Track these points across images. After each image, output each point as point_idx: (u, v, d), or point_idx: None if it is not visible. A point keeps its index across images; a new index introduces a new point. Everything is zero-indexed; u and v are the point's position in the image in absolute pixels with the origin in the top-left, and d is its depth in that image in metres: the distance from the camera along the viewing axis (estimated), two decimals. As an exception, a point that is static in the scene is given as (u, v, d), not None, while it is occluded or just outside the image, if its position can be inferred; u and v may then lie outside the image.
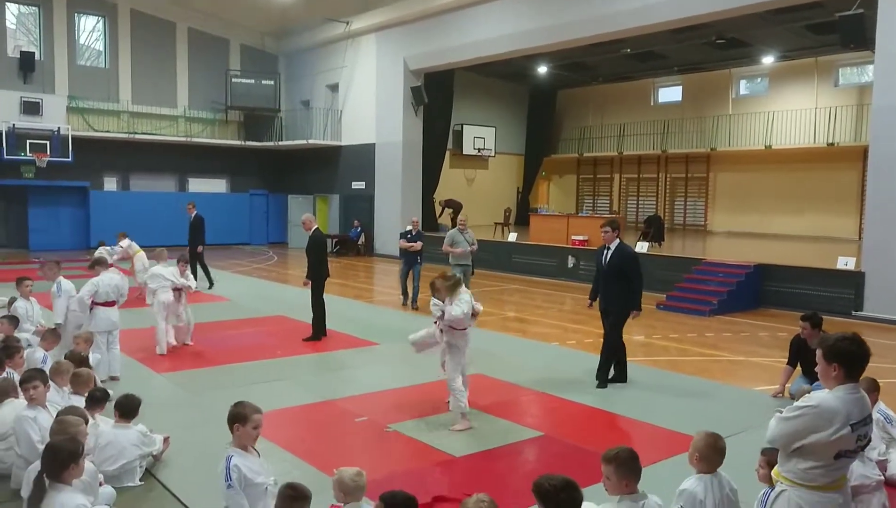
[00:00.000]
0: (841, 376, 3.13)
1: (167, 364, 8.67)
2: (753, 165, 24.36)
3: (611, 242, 7.94)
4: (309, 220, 10.44)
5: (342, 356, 9.55)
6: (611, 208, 28.40)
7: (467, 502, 3.18)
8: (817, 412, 3.07)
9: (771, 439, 3.23)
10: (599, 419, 7.05)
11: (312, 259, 10.37)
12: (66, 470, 3.67)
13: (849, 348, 3.13)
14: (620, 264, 7.83)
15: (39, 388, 4.98)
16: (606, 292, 8.01)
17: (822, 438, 3.05)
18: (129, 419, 5.32)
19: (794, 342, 7.41)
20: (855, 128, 21.57)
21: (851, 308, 12.81)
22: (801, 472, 3.15)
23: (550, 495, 3.18)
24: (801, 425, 3.09)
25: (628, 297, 7.87)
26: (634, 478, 3.53)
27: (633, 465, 3.53)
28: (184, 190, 26.68)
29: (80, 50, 24.55)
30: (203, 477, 5.33)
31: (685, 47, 22.45)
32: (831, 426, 3.04)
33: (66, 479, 3.68)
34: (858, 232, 20.55)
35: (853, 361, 3.13)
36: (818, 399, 3.11)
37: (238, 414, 4.07)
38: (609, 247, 7.96)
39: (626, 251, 7.98)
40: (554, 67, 25.96)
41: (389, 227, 23.50)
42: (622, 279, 7.84)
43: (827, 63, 22.76)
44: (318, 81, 26.74)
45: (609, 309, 8.05)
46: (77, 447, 3.80)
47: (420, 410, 7.07)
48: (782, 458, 3.24)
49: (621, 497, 3.55)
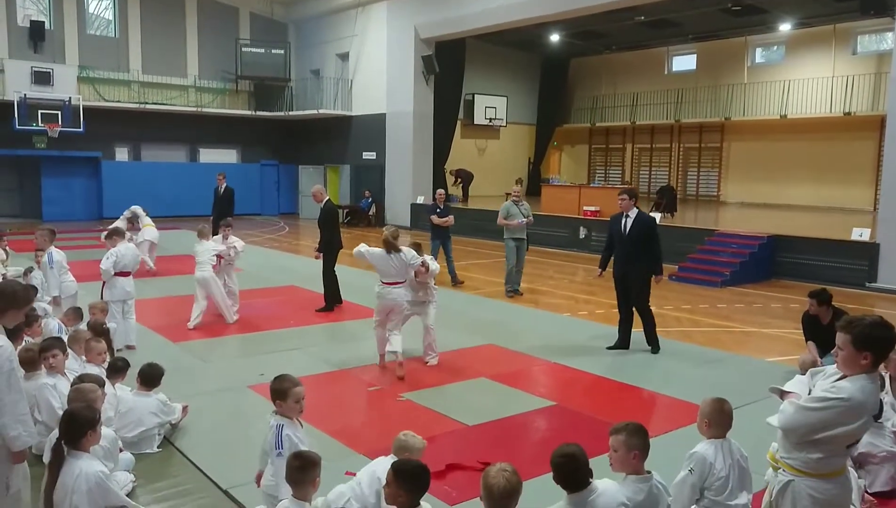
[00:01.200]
0: (870, 364, 2.93)
1: (182, 334, 8.76)
2: (768, 134, 24.07)
3: (628, 209, 8.05)
4: (319, 192, 10.50)
5: (355, 326, 9.61)
6: (623, 179, 28.20)
7: (489, 470, 3.15)
8: (848, 406, 2.89)
9: (790, 427, 3.05)
10: (611, 388, 7.09)
11: (325, 231, 10.42)
12: (84, 437, 3.72)
13: (883, 334, 2.92)
14: (642, 231, 7.96)
15: (59, 356, 5.05)
16: (628, 260, 8.05)
17: (848, 431, 2.93)
18: (150, 388, 5.40)
19: (804, 319, 7.31)
20: (872, 97, 21.21)
21: (865, 280, 12.73)
22: (812, 462, 3.03)
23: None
24: (828, 417, 2.93)
25: (650, 263, 8.03)
26: (643, 451, 3.38)
27: (642, 437, 3.41)
28: (195, 160, 26.71)
29: (89, 19, 24.42)
30: (219, 444, 5.42)
31: (700, 14, 22.07)
32: (859, 420, 2.91)
33: (84, 446, 3.74)
34: (874, 203, 20.33)
35: (886, 348, 2.96)
36: (848, 392, 2.91)
37: (277, 390, 4.05)
38: (628, 215, 8.05)
39: (646, 218, 8.13)
40: (566, 36, 25.61)
41: (400, 197, 23.47)
42: (643, 246, 7.97)
43: (845, 30, 22.32)
44: (328, 50, 26.53)
45: (630, 276, 8.08)
46: (94, 414, 3.85)
47: (433, 379, 7.13)
48: (790, 447, 3.09)
49: (626, 475, 3.42)
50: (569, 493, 3.21)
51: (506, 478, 3.05)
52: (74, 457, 3.68)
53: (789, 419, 3.04)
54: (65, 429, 3.73)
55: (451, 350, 8.11)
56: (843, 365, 2.99)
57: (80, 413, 3.81)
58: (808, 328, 7.21)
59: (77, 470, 3.63)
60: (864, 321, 2.96)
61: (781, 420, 3.08)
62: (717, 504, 3.76)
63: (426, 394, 6.64)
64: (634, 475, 3.35)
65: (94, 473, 3.66)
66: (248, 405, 6.33)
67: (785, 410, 3.07)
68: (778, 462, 3.19)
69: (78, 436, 3.72)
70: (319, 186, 10.77)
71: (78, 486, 3.59)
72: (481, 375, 7.28)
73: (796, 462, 3.08)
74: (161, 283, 12.22)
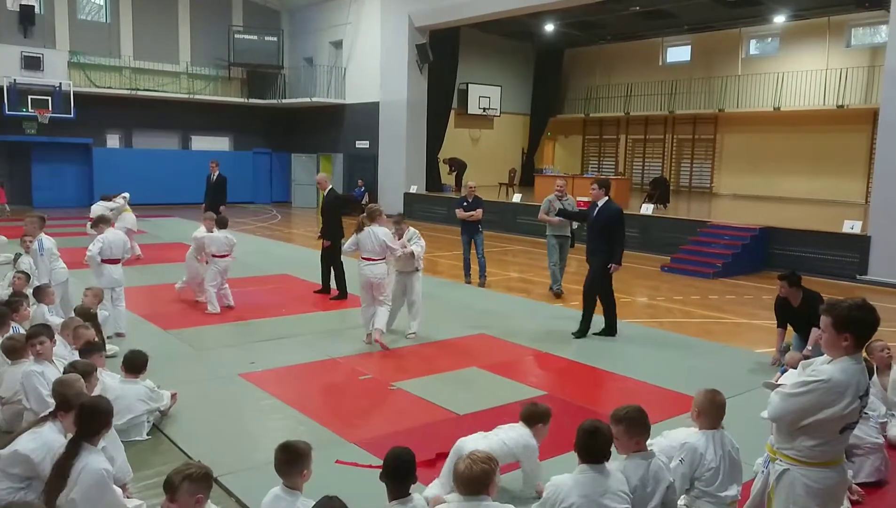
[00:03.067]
0: (851, 346, 2.95)
1: (173, 321, 8.72)
2: (762, 126, 24.10)
3: (599, 199, 8.28)
4: (324, 179, 10.81)
5: (347, 314, 9.58)
6: (616, 170, 28.20)
7: (460, 458, 3.23)
8: (828, 386, 2.90)
9: (777, 416, 3.06)
10: (603, 379, 7.10)
11: (329, 219, 10.50)
12: (101, 433, 3.70)
13: (863, 316, 2.95)
14: (607, 221, 8.18)
15: (46, 343, 5.01)
16: (592, 248, 8.39)
17: (834, 413, 2.91)
18: (136, 375, 5.37)
19: (776, 303, 7.33)
20: (865, 90, 21.26)
21: (856, 272, 12.78)
22: (807, 450, 3.02)
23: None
24: (811, 401, 2.93)
25: (610, 252, 8.21)
26: (644, 436, 3.56)
27: (643, 423, 3.55)
28: (187, 148, 26.56)
29: (80, 4, 24.16)
30: (209, 432, 5.41)
31: (695, 5, 22.02)
32: (843, 401, 2.90)
33: (96, 441, 3.69)
34: (866, 196, 20.40)
35: (866, 330, 2.97)
36: (828, 373, 2.93)
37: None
38: (597, 204, 8.28)
39: (613, 208, 8.27)
40: (561, 26, 25.52)
41: (393, 186, 23.40)
42: (606, 235, 8.20)
43: (839, 23, 22.33)
44: (321, 38, 26.37)
45: (593, 263, 8.40)
46: (111, 408, 3.85)
47: (424, 368, 7.13)
48: (784, 436, 3.09)
49: (630, 454, 3.57)
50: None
51: (467, 465, 3.12)
52: (87, 451, 3.61)
53: (776, 407, 3.05)
54: (86, 421, 3.66)
55: (444, 339, 8.11)
56: (826, 348, 3.04)
57: (100, 406, 3.78)
58: (781, 311, 7.23)
59: (82, 464, 3.56)
60: (844, 303, 3.00)
61: (770, 411, 3.10)
62: (707, 494, 3.79)
63: (418, 383, 6.64)
64: (638, 454, 3.56)
65: (98, 470, 3.58)
66: (238, 393, 6.31)
67: (772, 400, 3.09)
68: (775, 453, 3.19)
69: (98, 429, 3.68)
70: (324, 175, 11.04)
71: (81, 480, 3.52)
72: (473, 364, 7.28)
73: (792, 451, 3.08)
74: (152, 270, 12.16)
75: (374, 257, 7.74)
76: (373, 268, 7.75)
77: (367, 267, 7.76)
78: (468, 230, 11.87)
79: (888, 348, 5.63)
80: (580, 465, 3.40)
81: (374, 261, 7.75)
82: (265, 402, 6.07)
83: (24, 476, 3.84)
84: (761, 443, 4.15)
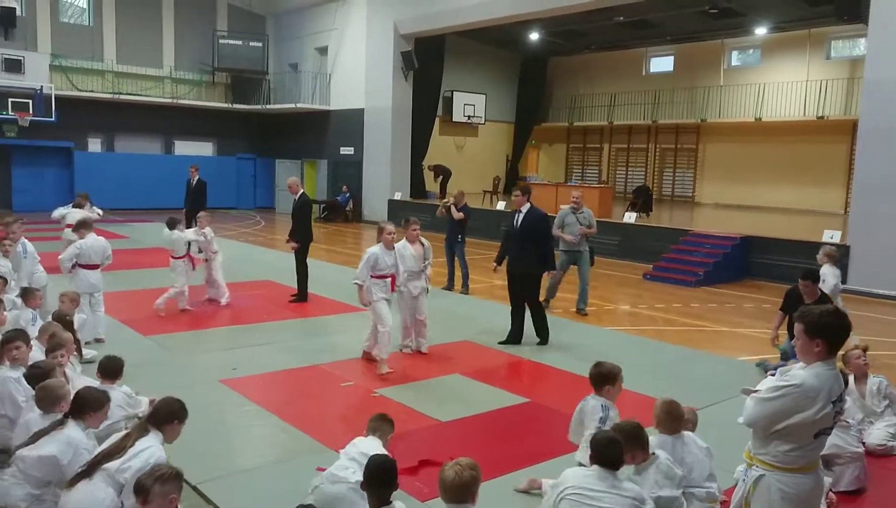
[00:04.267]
0: (823, 352, 2.99)
1: (153, 327, 8.63)
2: (743, 137, 24.35)
3: (521, 205, 8.20)
4: (295, 183, 10.74)
5: (330, 321, 9.56)
6: (600, 178, 28.37)
7: (446, 466, 3.20)
8: (801, 391, 2.94)
9: (751, 420, 3.09)
10: (585, 386, 7.09)
11: (299, 222, 10.56)
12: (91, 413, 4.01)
13: (834, 322, 2.99)
14: (532, 226, 8.10)
15: (22, 348, 4.93)
16: (519, 255, 8.15)
17: (806, 418, 2.94)
18: (112, 381, 5.29)
19: (788, 293, 7.41)
20: (845, 101, 21.55)
21: (835, 281, 12.91)
22: (781, 455, 3.04)
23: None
24: (784, 405, 2.97)
25: (541, 258, 8.12)
26: (641, 451, 3.68)
27: (639, 438, 3.69)
28: (170, 152, 26.39)
29: (62, 7, 23.99)
30: (188, 439, 5.32)
31: (678, 16, 22.24)
32: (815, 405, 2.93)
33: (87, 420, 4.00)
34: (845, 206, 20.65)
35: (837, 336, 3.01)
36: (800, 378, 2.97)
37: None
38: (521, 211, 8.20)
39: (537, 213, 8.22)
40: (546, 35, 25.66)
41: (378, 193, 23.38)
42: (533, 241, 8.09)
43: (819, 35, 22.64)
44: (306, 44, 26.34)
45: (519, 271, 8.19)
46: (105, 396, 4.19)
47: (407, 376, 7.10)
48: (760, 441, 3.12)
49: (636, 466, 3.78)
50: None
51: (456, 472, 3.10)
52: (70, 427, 3.92)
53: (749, 412, 3.09)
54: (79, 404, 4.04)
55: (427, 346, 8.09)
56: (800, 354, 3.09)
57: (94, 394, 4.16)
58: (790, 301, 7.26)
59: (65, 437, 3.88)
60: (815, 310, 3.07)
61: (744, 415, 3.14)
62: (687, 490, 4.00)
63: (400, 390, 6.61)
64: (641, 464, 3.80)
65: (78, 440, 3.87)
66: (218, 399, 6.25)
67: (746, 405, 3.13)
68: (752, 459, 3.22)
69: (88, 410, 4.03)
70: (295, 178, 11.08)
71: (44, 444, 3.81)
72: (456, 371, 7.28)
73: (767, 456, 3.10)
74: (133, 275, 12.05)
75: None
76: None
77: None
78: (449, 240, 11.96)
79: (864, 356, 5.70)
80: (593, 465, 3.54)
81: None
82: (246, 408, 6.02)
83: (44, 479, 3.91)
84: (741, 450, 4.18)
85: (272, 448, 5.24)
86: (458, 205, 11.85)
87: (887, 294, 12.32)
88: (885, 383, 5.68)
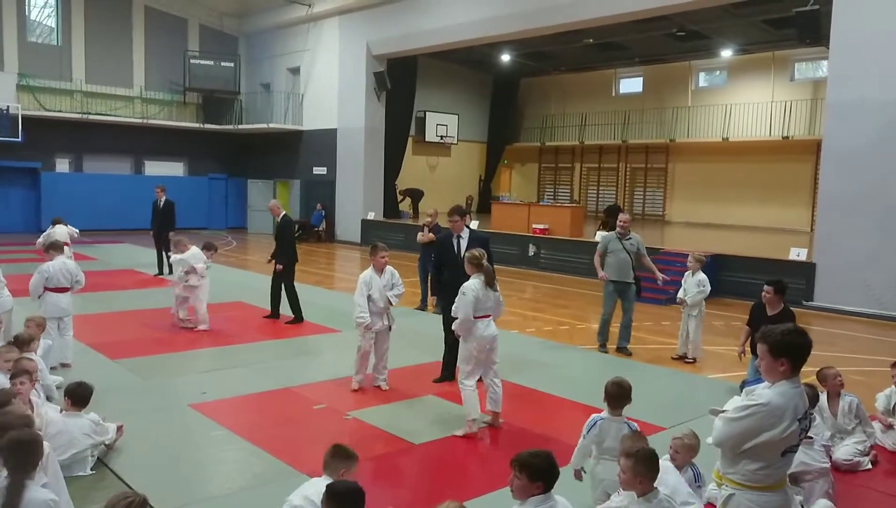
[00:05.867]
0: (788, 370, 3.04)
1: (122, 351, 8.49)
2: (711, 156, 24.78)
3: (460, 230, 7.46)
4: (276, 206, 10.96)
5: (302, 342, 9.48)
6: (571, 197, 28.65)
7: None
8: (767, 409, 2.99)
9: (719, 441, 3.12)
10: (558, 406, 7.13)
11: (282, 243, 10.63)
12: (38, 466, 3.54)
13: (797, 341, 3.05)
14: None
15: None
16: (462, 281, 6.35)
17: (773, 436, 2.98)
18: (80, 408, 5.20)
19: (753, 307, 7.49)
20: (809, 122, 22.08)
21: (802, 298, 13.13)
22: (750, 474, 3.08)
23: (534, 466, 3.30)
24: (751, 424, 3.01)
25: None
26: (649, 478, 3.49)
27: (649, 465, 3.51)
28: (140, 173, 26.11)
29: (30, 26, 23.72)
30: (156, 466, 5.26)
31: (646, 38, 22.68)
32: (782, 424, 2.98)
33: (34, 474, 3.52)
34: (811, 224, 21.07)
35: (801, 354, 3.06)
36: (766, 397, 3.02)
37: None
38: (461, 236, 7.42)
39: (481, 236, 7.57)
40: (517, 56, 25.99)
41: (351, 213, 23.35)
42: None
43: (783, 57, 23.22)
44: (279, 64, 26.33)
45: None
46: (41, 440, 3.68)
47: (380, 397, 7.06)
48: (728, 460, 3.15)
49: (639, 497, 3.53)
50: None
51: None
52: (27, 488, 3.44)
53: (718, 432, 3.12)
54: (21, 457, 3.50)
55: (398, 367, 8.05)
56: (765, 374, 3.13)
57: (31, 438, 3.61)
58: (754, 314, 7.36)
59: (27, 499, 3.40)
60: (777, 329, 3.11)
61: (713, 435, 3.17)
62: None
63: (372, 412, 6.57)
64: (642, 496, 3.48)
65: (44, 501, 3.43)
66: (188, 424, 6.16)
67: (715, 426, 3.16)
68: (722, 479, 3.25)
69: (34, 464, 3.52)
70: (276, 201, 11.29)
71: None
72: (429, 392, 7.25)
73: (736, 475, 3.13)
74: (102, 298, 11.86)
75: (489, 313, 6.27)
76: (492, 328, 6.28)
77: (488, 324, 6.24)
78: (423, 259, 11.90)
79: (840, 375, 5.80)
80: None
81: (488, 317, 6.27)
82: (216, 433, 5.94)
83: None
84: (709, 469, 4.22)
85: (243, 474, 5.16)
86: (431, 226, 11.86)
87: (853, 310, 12.55)
88: (856, 401, 5.80)
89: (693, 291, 9.01)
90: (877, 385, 7.89)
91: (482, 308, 6.08)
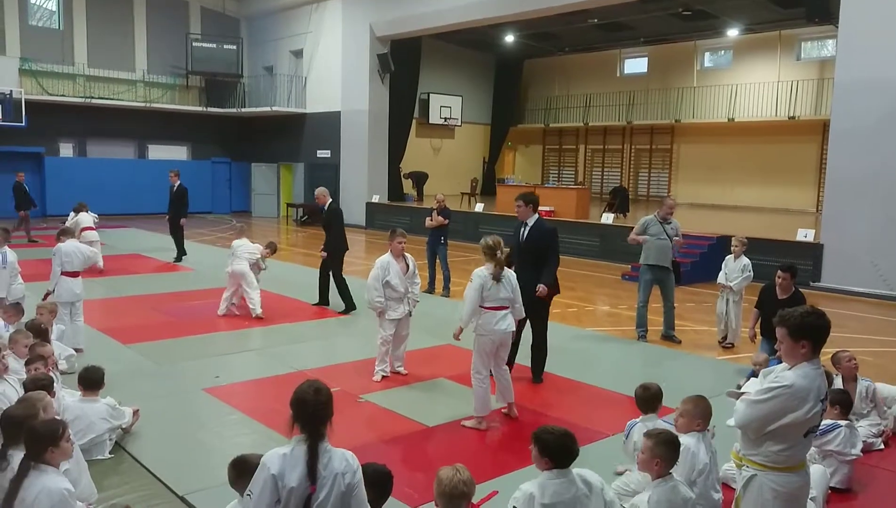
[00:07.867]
0: (809, 352, 3.07)
1: (133, 335, 8.53)
2: (716, 137, 24.67)
3: (526, 217, 7.08)
4: (323, 194, 10.56)
5: (313, 326, 9.52)
6: (576, 179, 28.56)
7: (441, 476, 3.20)
8: (791, 392, 3.01)
9: (744, 422, 3.14)
10: (568, 387, 7.16)
11: (332, 233, 10.38)
12: (46, 453, 3.53)
13: (816, 322, 3.07)
14: (540, 242, 6.95)
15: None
16: (523, 273, 6.47)
17: (798, 417, 3.01)
18: (94, 392, 5.23)
19: (763, 289, 7.47)
20: (815, 102, 21.94)
21: (810, 279, 13.13)
22: (773, 455, 3.11)
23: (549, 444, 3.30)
24: (775, 406, 3.03)
25: (539, 272, 6.86)
26: (666, 461, 3.56)
27: (669, 448, 3.58)
28: (143, 157, 26.08)
29: (32, 10, 23.58)
30: (173, 449, 5.30)
31: (652, 18, 22.49)
32: (806, 405, 3.01)
33: (49, 460, 3.54)
34: (817, 205, 21.01)
35: (821, 335, 3.08)
36: (790, 379, 3.04)
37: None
38: (527, 223, 7.09)
39: (545, 227, 7.13)
40: (521, 37, 25.81)
41: (355, 196, 23.32)
42: (540, 258, 6.90)
43: (789, 37, 23.03)
44: (281, 47, 26.19)
45: (526, 291, 6.46)
46: (56, 428, 3.64)
47: (393, 381, 7.10)
48: (751, 442, 3.18)
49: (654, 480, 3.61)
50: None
51: (463, 481, 3.09)
52: (39, 471, 3.47)
53: (742, 415, 3.15)
54: (28, 443, 3.55)
55: (410, 351, 8.07)
56: (786, 357, 3.15)
57: (40, 428, 3.61)
58: (764, 297, 7.36)
59: (40, 486, 3.42)
60: (796, 312, 3.12)
61: (736, 418, 3.19)
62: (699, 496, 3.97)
63: (386, 395, 6.61)
64: (657, 478, 3.57)
65: (58, 490, 3.44)
66: (202, 408, 6.20)
67: (738, 408, 3.18)
68: (742, 460, 3.28)
69: (40, 451, 3.53)
70: (323, 189, 10.76)
71: (39, 502, 3.38)
72: (440, 375, 7.28)
73: (759, 457, 3.16)
74: (110, 283, 11.89)
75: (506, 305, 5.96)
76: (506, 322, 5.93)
77: (505, 316, 5.90)
78: (430, 241, 11.97)
79: (854, 358, 5.81)
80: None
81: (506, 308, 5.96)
82: (231, 417, 5.98)
83: None
84: (725, 450, 4.25)
85: (259, 457, 5.20)
86: (439, 209, 11.84)
87: (860, 291, 12.56)
88: (872, 386, 5.81)
89: (737, 276, 8.75)
90: (887, 366, 7.93)
91: (495, 298, 5.83)
